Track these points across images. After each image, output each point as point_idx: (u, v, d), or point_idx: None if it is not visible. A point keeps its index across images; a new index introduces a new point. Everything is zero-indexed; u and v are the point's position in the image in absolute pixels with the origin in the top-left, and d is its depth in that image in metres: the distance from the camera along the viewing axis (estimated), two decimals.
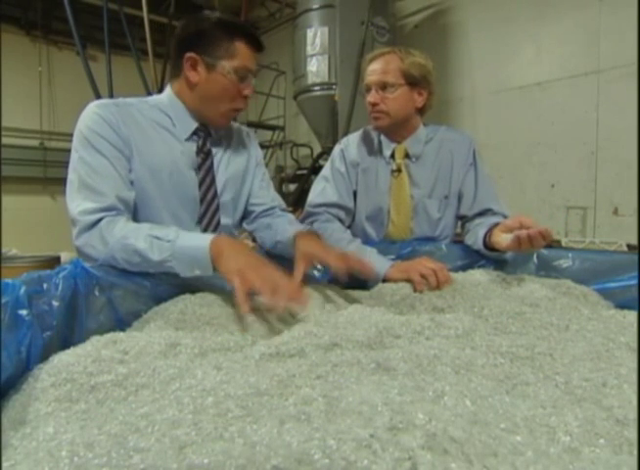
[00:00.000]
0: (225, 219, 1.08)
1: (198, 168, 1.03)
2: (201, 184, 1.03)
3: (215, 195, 1.05)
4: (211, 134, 1.07)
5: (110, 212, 0.86)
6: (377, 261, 1.05)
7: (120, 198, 0.89)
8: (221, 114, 1.01)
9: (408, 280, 0.96)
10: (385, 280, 1.01)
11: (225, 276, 0.76)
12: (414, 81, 1.22)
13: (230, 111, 1.01)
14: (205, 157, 1.04)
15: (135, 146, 0.94)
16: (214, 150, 1.07)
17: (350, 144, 1.37)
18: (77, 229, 0.85)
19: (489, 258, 1.11)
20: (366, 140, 1.36)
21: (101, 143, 0.90)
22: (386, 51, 1.25)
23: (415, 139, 1.30)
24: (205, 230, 1.04)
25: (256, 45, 1.00)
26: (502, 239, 0.99)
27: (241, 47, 0.97)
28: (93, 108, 0.93)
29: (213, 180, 1.05)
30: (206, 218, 1.04)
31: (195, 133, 1.03)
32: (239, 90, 0.99)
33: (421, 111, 1.29)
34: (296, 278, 0.86)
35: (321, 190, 1.32)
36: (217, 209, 1.06)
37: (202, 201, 1.03)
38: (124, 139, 0.93)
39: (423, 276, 0.94)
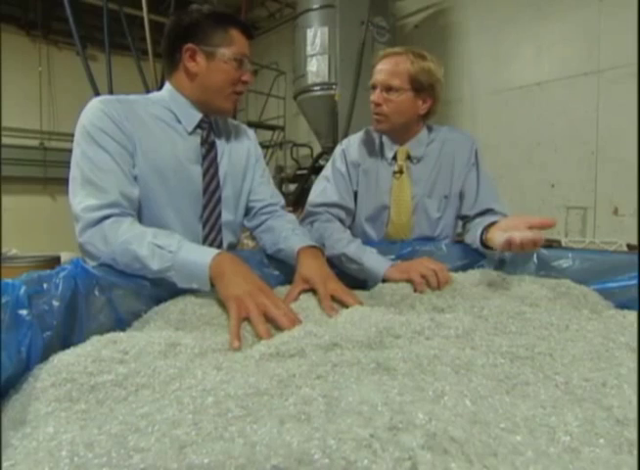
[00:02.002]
0: (227, 215, 1.08)
1: (202, 159, 1.03)
2: (204, 175, 1.03)
3: (218, 186, 1.06)
4: (213, 127, 1.08)
5: (113, 209, 0.85)
6: (376, 262, 1.05)
7: (124, 194, 0.88)
8: (225, 98, 1.02)
9: (408, 280, 0.96)
10: (384, 280, 1.01)
11: (224, 301, 0.76)
12: (420, 88, 1.21)
13: (232, 94, 1.03)
14: (209, 148, 1.05)
15: (139, 142, 0.94)
16: (217, 142, 1.08)
17: (352, 144, 1.37)
18: (80, 226, 0.85)
19: (488, 256, 1.11)
20: (367, 141, 1.36)
21: (104, 139, 0.90)
22: (398, 51, 1.22)
23: (417, 142, 1.30)
24: (205, 224, 1.04)
25: (248, 32, 1.03)
26: (496, 236, 0.99)
27: (235, 34, 1.00)
28: (96, 103, 0.93)
29: (216, 172, 1.06)
30: (208, 210, 1.04)
31: (199, 125, 1.04)
32: (239, 76, 1.01)
33: (424, 116, 1.28)
34: (290, 298, 0.87)
35: (322, 190, 1.32)
36: (219, 201, 1.06)
37: (204, 192, 1.03)
38: (128, 135, 0.93)
39: (423, 276, 0.94)
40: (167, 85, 1.05)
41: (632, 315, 0.75)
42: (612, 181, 3.05)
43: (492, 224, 1.07)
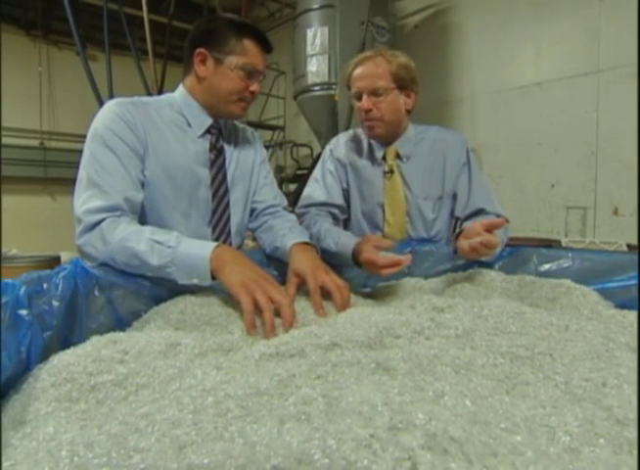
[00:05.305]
0: (235, 218, 1.09)
1: (211, 165, 1.04)
2: (213, 180, 1.04)
3: (226, 191, 1.07)
4: (222, 132, 1.08)
5: (113, 213, 0.85)
6: (345, 245, 1.04)
7: (127, 198, 0.89)
8: (232, 104, 1.03)
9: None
10: (358, 263, 1.00)
11: (229, 289, 0.76)
12: (403, 84, 1.21)
13: (239, 101, 1.03)
14: (217, 153, 1.06)
15: (151, 145, 0.95)
16: (225, 147, 1.09)
17: (339, 144, 1.38)
18: (80, 228, 0.85)
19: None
20: (355, 141, 1.37)
21: (115, 141, 0.90)
22: (371, 54, 1.23)
23: (405, 140, 1.30)
24: (215, 228, 1.05)
25: (265, 45, 1.03)
26: (459, 245, 1.00)
27: (249, 45, 1.00)
28: (111, 106, 0.94)
29: (225, 177, 1.07)
30: (217, 215, 1.05)
31: (208, 130, 1.05)
32: (246, 85, 1.01)
33: (409, 112, 1.29)
34: (290, 295, 0.85)
35: (310, 191, 1.34)
36: (228, 205, 1.07)
37: (213, 197, 1.04)
38: (140, 138, 0.93)
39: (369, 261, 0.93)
40: (180, 87, 1.06)
41: (632, 315, 0.75)
42: (612, 181, 3.05)
43: (461, 232, 1.07)
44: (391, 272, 0.91)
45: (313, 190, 1.33)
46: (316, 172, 1.37)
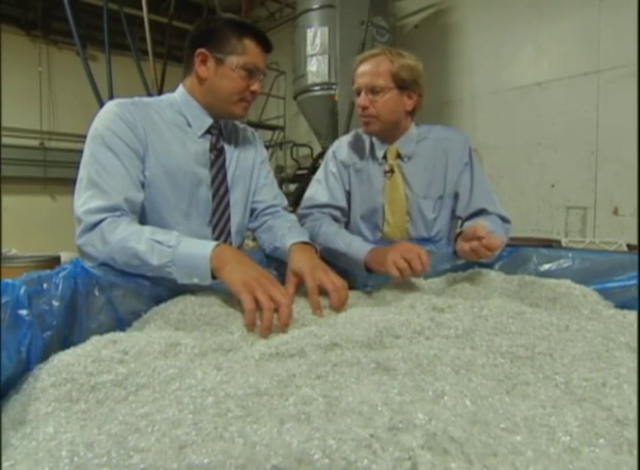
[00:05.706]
0: (235, 218, 1.09)
1: (211, 165, 1.04)
2: (213, 180, 1.05)
3: (227, 191, 1.07)
4: (223, 132, 1.09)
5: (114, 213, 0.86)
6: (358, 248, 1.04)
7: (127, 198, 0.89)
8: (233, 104, 1.03)
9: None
10: (369, 269, 1.01)
11: (230, 287, 0.76)
12: (404, 85, 1.22)
13: (240, 101, 1.03)
14: (218, 154, 1.06)
15: (151, 145, 0.95)
16: (226, 147, 1.09)
17: (342, 146, 1.38)
18: (80, 228, 0.85)
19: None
20: (358, 142, 1.37)
21: (115, 142, 0.90)
22: (376, 53, 1.24)
23: (406, 139, 1.30)
24: (215, 228, 1.05)
25: (265, 44, 1.03)
26: (458, 246, 1.02)
27: (250, 45, 1.00)
28: (112, 107, 0.94)
29: (225, 177, 1.07)
30: (217, 215, 1.05)
31: (208, 131, 1.05)
32: (247, 85, 1.01)
33: (411, 113, 1.29)
34: (289, 294, 0.83)
35: (313, 192, 1.34)
36: (228, 205, 1.07)
37: (213, 197, 1.05)
38: (140, 139, 0.94)
39: (399, 269, 0.92)
40: (181, 88, 1.06)
41: (632, 315, 0.75)
42: (612, 181, 3.05)
43: (461, 233, 1.07)
44: (405, 276, 0.93)
45: (316, 191, 1.34)
46: (319, 174, 1.38)
